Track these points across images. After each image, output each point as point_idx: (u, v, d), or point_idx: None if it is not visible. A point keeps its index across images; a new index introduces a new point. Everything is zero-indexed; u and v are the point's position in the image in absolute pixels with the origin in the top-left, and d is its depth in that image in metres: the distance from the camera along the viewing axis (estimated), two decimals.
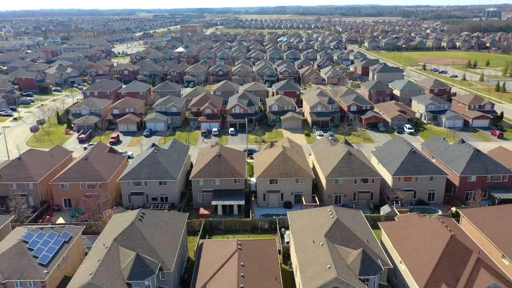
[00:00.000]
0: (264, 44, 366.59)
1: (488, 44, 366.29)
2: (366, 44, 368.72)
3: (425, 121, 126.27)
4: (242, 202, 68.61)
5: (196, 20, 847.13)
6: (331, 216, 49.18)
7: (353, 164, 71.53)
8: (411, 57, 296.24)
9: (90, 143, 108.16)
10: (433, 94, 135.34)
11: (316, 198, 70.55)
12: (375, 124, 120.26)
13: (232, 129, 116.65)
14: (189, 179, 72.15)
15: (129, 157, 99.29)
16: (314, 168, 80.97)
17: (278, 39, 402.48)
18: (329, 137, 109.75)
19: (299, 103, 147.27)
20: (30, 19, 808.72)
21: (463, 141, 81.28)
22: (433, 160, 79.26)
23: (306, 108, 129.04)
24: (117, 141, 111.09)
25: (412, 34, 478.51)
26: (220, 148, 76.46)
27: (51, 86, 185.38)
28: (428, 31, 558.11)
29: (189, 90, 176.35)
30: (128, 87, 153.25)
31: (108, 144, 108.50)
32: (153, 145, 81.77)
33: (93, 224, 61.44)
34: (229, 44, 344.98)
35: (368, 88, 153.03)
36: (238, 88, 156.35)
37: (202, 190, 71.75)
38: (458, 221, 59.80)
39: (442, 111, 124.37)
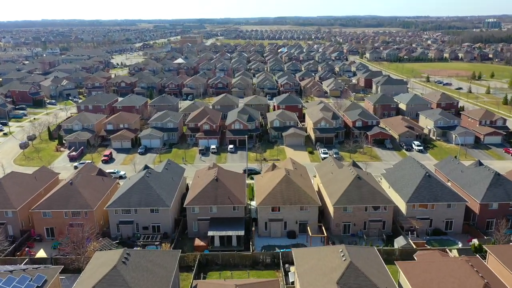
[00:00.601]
0: (265, 55, 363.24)
1: (490, 55, 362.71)
2: (367, 55, 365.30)
3: (434, 137, 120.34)
4: (242, 233, 62.28)
5: (197, 31, 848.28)
6: (344, 259, 42.85)
7: (363, 189, 65.35)
8: (413, 69, 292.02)
9: (81, 161, 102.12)
10: (441, 109, 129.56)
11: (323, 228, 64.12)
12: (382, 141, 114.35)
13: (231, 146, 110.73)
14: (184, 206, 65.87)
15: (121, 177, 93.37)
16: (319, 192, 74.79)
17: (279, 50, 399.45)
18: (334, 155, 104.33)
19: (301, 118, 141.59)
20: (30, 30, 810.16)
21: (480, 163, 75.21)
22: (449, 184, 73.11)
23: (309, 124, 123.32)
24: (109, 159, 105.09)
25: (414, 45, 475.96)
26: (217, 171, 70.37)
27: (45, 99, 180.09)
28: (429, 42, 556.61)
29: (187, 103, 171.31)
30: (123, 100, 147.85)
31: (101, 162, 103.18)
32: (145, 167, 75.74)
33: (75, 259, 55.05)
34: (229, 55, 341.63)
35: (372, 101, 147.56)
36: (238, 101, 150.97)
37: (198, 218, 65.46)
38: (482, 256, 53.52)
39: (451, 127, 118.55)
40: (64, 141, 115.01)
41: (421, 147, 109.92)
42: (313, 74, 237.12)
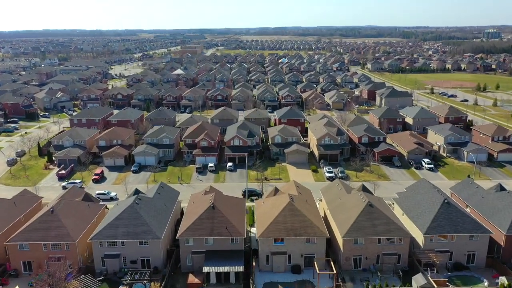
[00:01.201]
0: (265, 65, 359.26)
1: (493, 66, 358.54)
2: (369, 65, 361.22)
3: (444, 154, 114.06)
4: (241, 268, 55.66)
5: (197, 41, 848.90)
6: None
7: (375, 219, 58.91)
8: (416, 80, 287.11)
9: (70, 181, 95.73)
10: (451, 124, 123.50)
11: (332, 263, 57.43)
12: (390, 158, 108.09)
13: (230, 164, 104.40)
14: (177, 237, 59.31)
15: (112, 198, 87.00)
16: (325, 218, 68.31)
17: (279, 61, 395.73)
18: (340, 174, 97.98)
19: (304, 132, 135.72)
20: (30, 40, 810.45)
21: (502, 188, 68.85)
22: (467, 210, 66.69)
23: (312, 139, 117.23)
24: (101, 178, 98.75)
25: (415, 56, 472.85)
26: (214, 197, 63.97)
27: (39, 111, 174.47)
28: (430, 52, 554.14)
29: (185, 116, 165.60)
30: (118, 114, 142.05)
31: (91, 181, 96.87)
32: (135, 191, 69.29)
33: None
34: (229, 65, 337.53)
35: (377, 115, 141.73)
36: (238, 115, 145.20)
37: (192, 251, 58.90)
38: None
39: (463, 143, 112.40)
40: (53, 158, 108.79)
41: (432, 165, 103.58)
42: (315, 85, 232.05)
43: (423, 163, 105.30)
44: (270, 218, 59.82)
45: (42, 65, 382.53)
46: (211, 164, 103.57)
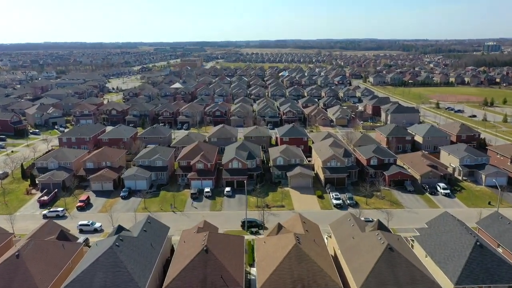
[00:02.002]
0: (265, 79, 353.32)
1: (498, 80, 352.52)
2: (371, 79, 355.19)
3: (459, 178, 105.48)
4: None
5: (197, 54, 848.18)
6: None
7: (397, 266, 50.10)
8: (420, 94, 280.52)
9: (52, 209, 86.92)
10: (466, 144, 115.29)
11: None
12: (402, 182, 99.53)
13: (228, 189, 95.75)
14: None
15: (96, 230, 78.17)
16: (335, 259, 59.43)
17: (280, 74, 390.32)
18: (348, 201, 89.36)
19: (307, 151, 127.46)
20: (30, 53, 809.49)
21: None
22: (499, 250, 57.93)
23: (316, 161, 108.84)
24: (86, 205, 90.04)
25: (417, 69, 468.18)
26: (208, 237, 55.23)
27: (29, 128, 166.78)
28: (431, 65, 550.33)
29: (182, 133, 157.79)
30: (110, 132, 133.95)
31: (75, 209, 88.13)
32: (118, 229, 60.50)
33: None
34: (228, 79, 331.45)
35: (385, 133, 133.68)
36: (237, 133, 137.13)
37: None
38: None
39: (480, 166, 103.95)
40: (37, 182, 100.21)
41: (448, 191, 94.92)
42: (317, 100, 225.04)
43: (438, 188, 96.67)
44: (273, 264, 51.02)
45: (39, 78, 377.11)
46: (207, 189, 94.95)
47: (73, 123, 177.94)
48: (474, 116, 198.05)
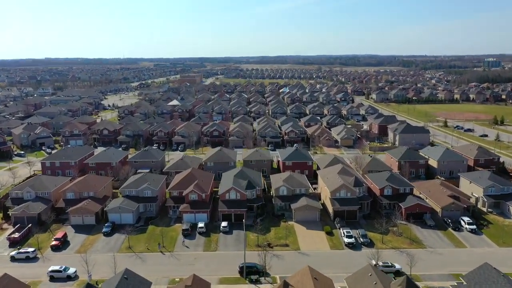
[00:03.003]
0: (266, 95, 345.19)
1: (503, 96, 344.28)
2: (374, 96, 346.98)
3: (484, 209, 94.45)
4: None
5: (197, 70, 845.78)
6: None
7: None
8: (426, 111, 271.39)
9: (22, 250, 75.57)
10: (489, 171, 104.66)
11: None
12: (420, 215, 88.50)
13: (225, 224, 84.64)
14: None
15: (69, 277, 66.81)
16: None
17: (280, 91, 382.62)
18: (361, 239, 78.18)
19: (311, 176, 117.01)
20: (29, 68, 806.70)
21: None
22: None
23: (323, 189, 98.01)
24: (62, 244, 78.78)
25: (419, 85, 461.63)
26: None
27: (14, 149, 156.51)
28: (433, 81, 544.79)
29: (177, 155, 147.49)
30: (98, 156, 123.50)
31: (49, 249, 76.83)
32: (87, 287, 49.25)
33: None
34: (228, 96, 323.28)
35: (396, 157, 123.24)
36: (235, 156, 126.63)
37: None
38: None
39: (506, 196, 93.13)
40: (10, 214, 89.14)
41: (474, 226, 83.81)
42: (319, 118, 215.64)
43: (462, 222, 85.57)
44: None
45: (35, 95, 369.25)
46: (201, 225, 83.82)
47: (62, 143, 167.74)
48: (486, 135, 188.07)
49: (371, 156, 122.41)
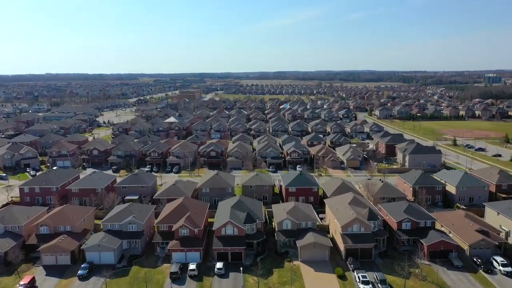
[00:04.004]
0: (266, 112, 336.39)
1: (510, 113, 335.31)
2: (377, 112, 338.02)
3: None
4: None
5: (196, 85, 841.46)
6: None
7: None
8: (432, 129, 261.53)
9: None
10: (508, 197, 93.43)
11: None
12: (445, 254, 76.96)
13: (219, 265, 72.94)
14: None
15: None
16: None
17: (281, 107, 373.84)
18: (380, 285, 66.48)
19: (317, 203, 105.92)
20: (28, 84, 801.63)
21: None
22: None
23: (332, 222, 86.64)
24: None
25: (422, 101, 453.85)
26: None
27: None
28: (435, 97, 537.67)
29: (171, 177, 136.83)
30: (82, 181, 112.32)
31: None
32: None
33: None
34: (227, 112, 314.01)
35: (410, 182, 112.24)
36: (233, 181, 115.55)
37: None
38: None
39: None
40: None
41: (509, 268, 72.20)
42: (322, 136, 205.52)
43: (495, 263, 73.98)
44: None
45: (30, 111, 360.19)
46: (192, 266, 72.14)
47: (48, 165, 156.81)
48: (499, 155, 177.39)
49: (382, 181, 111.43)
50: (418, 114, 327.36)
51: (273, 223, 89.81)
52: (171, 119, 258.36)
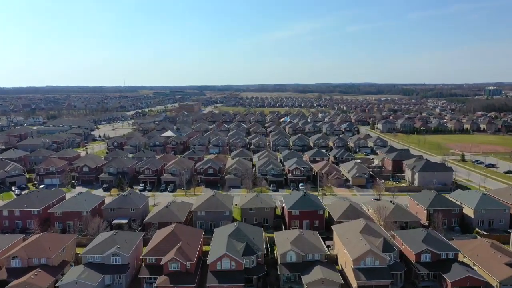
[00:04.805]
0: (266, 125, 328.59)
1: None
2: (379, 126, 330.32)
3: None
4: None
5: (196, 98, 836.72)
6: None
7: None
8: (438, 143, 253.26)
9: None
10: None
11: None
12: None
13: None
14: None
15: None
16: None
17: (281, 120, 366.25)
18: None
19: (323, 228, 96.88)
20: (26, 96, 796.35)
21: None
22: None
23: (342, 253, 77.23)
24: None
25: (424, 114, 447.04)
26: None
27: None
28: (437, 110, 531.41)
29: (166, 196, 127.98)
30: (66, 203, 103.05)
31: None
32: None
33: None
34: (226, 126, 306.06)
35: (424, 204, 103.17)
36: (231, 203, 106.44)
37: None
38: None
39: None
40: None
41: None
42: (325, 151, 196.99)
43: None
44: None
45: (25, 124, 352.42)
46: None
47: (35, 182, 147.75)
48: (511, 172, 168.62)
49: (393, 203, 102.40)
50: (421, 128, 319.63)
51: (275, 253, 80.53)
52: (168, 133, 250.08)
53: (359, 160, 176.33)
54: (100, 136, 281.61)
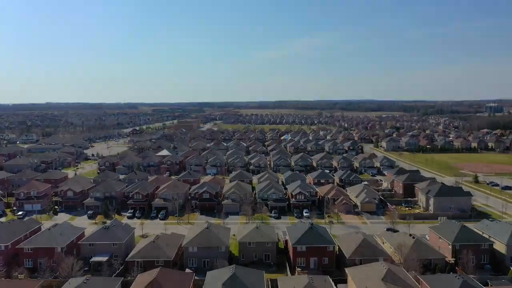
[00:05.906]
0: (266, 143, 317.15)
1: None
2: (383, 144, 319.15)
3: None
4: None
5: (195, 115, 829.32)
6: None
7: None
8: (447, 163, 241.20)
9: None
10: None
11: None
12: None
13: None
14: None
15: None
16: None
17: (282, 138, 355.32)
18: None
19: (332, 267, 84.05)
20: (23, 113, 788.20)
21: None
22: None
23: None
24: None
25: (428, 131, 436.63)
26: None
27: None
28: (440, 127, 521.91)
29: (156, 224, 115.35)
30: (39, 237, 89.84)
31: None
32: None
33: None
34: (225, 144, 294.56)
35: (448, 239, 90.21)
36: (228, 235, 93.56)
37: None
38: None
39: None
40: None
41: None
42: (329, 171, 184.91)
43: None
44: None
45: (17, 142, 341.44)
46: None
47: (14, 208, 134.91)
48: None
49: (413, 237, 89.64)
50: (427, 146, 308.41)
51: None
52: (164, 152, 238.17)
53: (366, 183, 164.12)
54: (93, 155, 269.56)
